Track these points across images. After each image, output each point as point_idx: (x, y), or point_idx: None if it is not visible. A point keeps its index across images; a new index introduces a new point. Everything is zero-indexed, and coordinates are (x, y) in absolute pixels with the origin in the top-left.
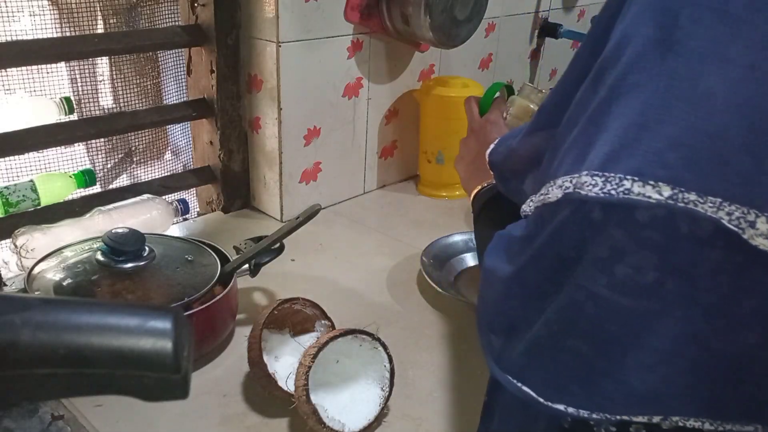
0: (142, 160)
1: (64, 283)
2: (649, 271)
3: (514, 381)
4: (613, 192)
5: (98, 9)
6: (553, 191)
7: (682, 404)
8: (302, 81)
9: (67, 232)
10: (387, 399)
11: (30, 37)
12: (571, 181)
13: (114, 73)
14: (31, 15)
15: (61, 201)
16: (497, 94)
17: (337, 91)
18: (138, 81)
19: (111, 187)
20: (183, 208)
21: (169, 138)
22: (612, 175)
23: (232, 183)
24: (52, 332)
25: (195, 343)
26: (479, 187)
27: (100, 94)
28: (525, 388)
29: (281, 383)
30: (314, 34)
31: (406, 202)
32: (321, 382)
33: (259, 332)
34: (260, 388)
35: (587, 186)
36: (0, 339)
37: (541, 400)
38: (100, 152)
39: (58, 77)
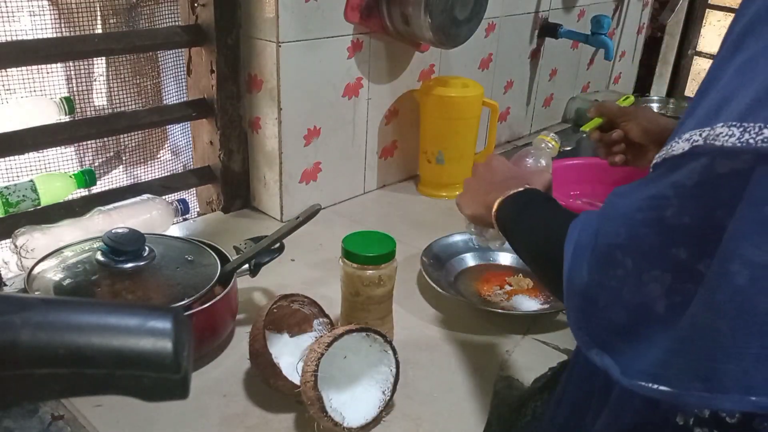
0: (136, 160)
1: (64, 283)
2: None
3: (649, 384)
4: (751, 141)
5: (98, 9)
6: (679, 145)
7: None
8: (302, 81)
9: (67, 232)
10: (387, 403)
11: (30, 37)
12: (700, 134)
13: (112, 73)
14: (31, 15)
15: (61, 201)
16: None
17: (337, 91)
18: (138, 81)
19: (110, 187)
20: (183, 208)
21: (168, 138)
22: (751, 125)
23: (232, 183)
24: (52, 332)
25: (195, 343)
26: (504, 195)
27: (99, 94)
28: (663, 388)
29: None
30: (314, 34)
31: (406, 202)
32: (325, 375)
33: (262, 324)
34: (261, 382)
35: (722, 137)
36: (0, 339)
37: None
38: (89, 150)
39: (56, 77)
